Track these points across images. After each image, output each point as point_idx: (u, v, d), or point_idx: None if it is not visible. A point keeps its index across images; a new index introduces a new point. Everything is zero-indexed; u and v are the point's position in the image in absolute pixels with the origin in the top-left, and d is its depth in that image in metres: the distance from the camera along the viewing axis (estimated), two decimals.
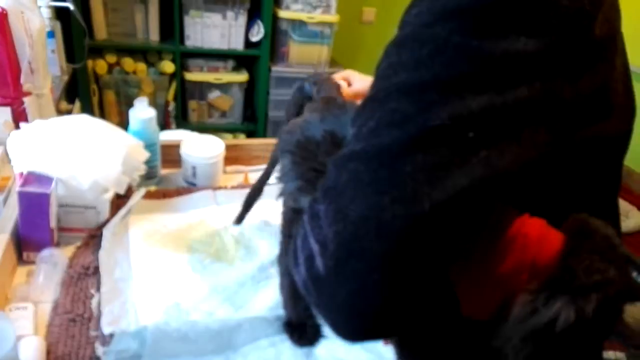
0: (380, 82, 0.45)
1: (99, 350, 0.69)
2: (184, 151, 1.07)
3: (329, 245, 0.40)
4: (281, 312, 0.78)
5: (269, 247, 0.91)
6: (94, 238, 0.88)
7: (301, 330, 0.76)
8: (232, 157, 1.17)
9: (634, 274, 0.43)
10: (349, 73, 0.97)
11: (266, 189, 1.01)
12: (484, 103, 0.39)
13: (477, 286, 0.45)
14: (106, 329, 0.71)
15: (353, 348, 0.75)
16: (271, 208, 0.87)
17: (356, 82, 0.95)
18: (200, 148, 1.07)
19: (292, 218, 0.74)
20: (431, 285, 0.41)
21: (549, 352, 0.42)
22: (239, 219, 0.90)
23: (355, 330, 0.42)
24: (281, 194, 0.71)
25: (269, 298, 0.81)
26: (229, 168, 1.16)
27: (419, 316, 0.43)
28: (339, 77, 0.95)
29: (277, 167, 0.72)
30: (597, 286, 0.40)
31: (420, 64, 0.42)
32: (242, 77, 2.59)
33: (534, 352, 0.42)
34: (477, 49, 0.40)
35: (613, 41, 0.47)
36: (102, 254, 0.84)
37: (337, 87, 0.85)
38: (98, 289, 0.78)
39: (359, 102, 0.63)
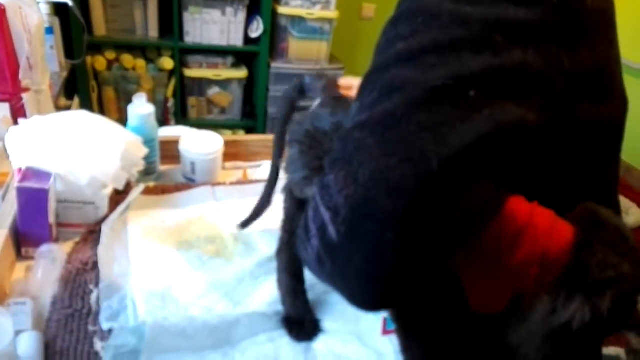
0: (378, 56, 0.46)
1: (98, 345, 0.69)
2: (183, 147, 1.07)
3: (341, 210, 0.40)
4: (280, 307, 0.78)
5: (268, 243, 0.91)
6: (92, 234, 0.88)
7: (300, 325, 0.76)
8: (231, 153, 1.17)
9: None
10: (353, 81, 0.98)
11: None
12: (483, 63, 0.40)
13: (485, 279, 0.45)
14: (105, 325, 0.72)
15: (351, 343, 0.75)
16: (272, 208, 0.87)
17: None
18: (199, 144, 1.07)
19: (294, 214, 0.74)
20: (441, 250, 0.41)
21: (565, 349, 0.42)
22: (245, 224, 0.90)
23: (370, 296, 0.43)
24: (287, 185, 0.71)
25: (267, 294, 0.81)
26: (228, 164, 1.16)
27: (430, 281, 0.43)
28: (343, 83, 0.96)
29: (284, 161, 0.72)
30: (611, 282, 0.40)
31: (416, 32, 0.43)
32: (242, 73, 2.59)
33: (553, 350, 0.42)
34: (470, 14, 0.41)
35: (607, 16, 0.48)
36: (101, 249, 0.84)
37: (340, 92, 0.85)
38: (97, 285, 0.78)
39: None
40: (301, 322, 0.77)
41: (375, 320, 0.77)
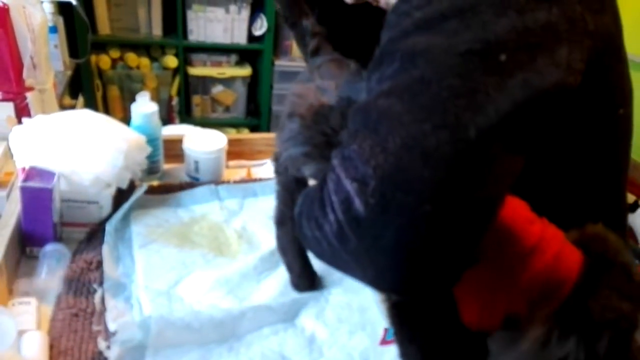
0: (392, 29, 0.43)
1: (102, 344, 0.69)
2: (187, 146, 1.06)
3: (369, 181, 0.37)
4: (284, 300, 0.78)
5: (271, 240, 0.91)
6: (96, 233, 0.88)
7: (311, 285, 0.79)
8: (235, 151, 1.16)
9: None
10: None
11: (270, 183, 1.01)
12: (508, 25, 0.38)
13: (481, 296, 0.44)
14: (111, 325, 0.72)
15: (356, 334, 0.75)
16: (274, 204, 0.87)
17: None
18: (203, 143, 1.07)
19: (293, 188, 0.72)
20: (474, 227, 0.38)
21: None
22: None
23: (400, 275, 0.39)
24: (284, 160, 0.67)
25: (271, 287, 0.81)
26: (232, 163, 1.16)
27: (460, 267, 0.40)
28: None
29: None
30: (610, 324, 0.39)
31: None
32: (246, 71, 2.58)
33: None
34: None
35: None
36: (105, 248, 0.84)
37: None
38: (101, 284, 0.78)
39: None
40: (312, 283, 0.79)
41: (379, 311, 0.77)
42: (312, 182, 0.62)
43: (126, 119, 1.01)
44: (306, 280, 0.80)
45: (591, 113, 0.47)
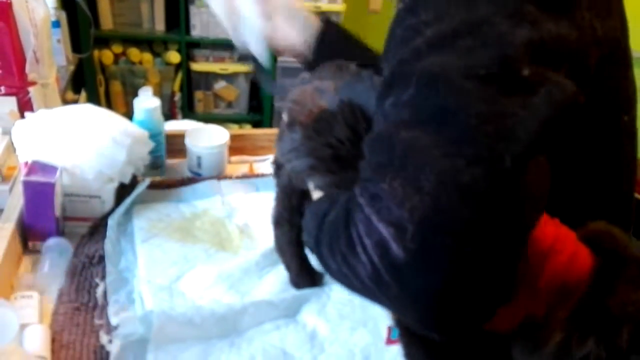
0: (400, 47, 0.41)
1: (104, 338, 0.69)
2: (189, 141, 1.06)
3: (407, 225, 0.35)
4: (285, 295, 0.78)
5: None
6: (98, 227, 0.88)
7: (312, 282, 0.79)
8: (238, 147, 1.16)
9: None
10: None
11: (271, 178, 1.00)
12: (525, 37, 0.37)
13: None
14: (113, 320, 0.72)
15: (357, 330, 0.75)
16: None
17: None
18: (205, 138, 1.07)
19: (291, 192, 0.72)
20: (515, 252, 0.37)
21: None
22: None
23: (449, 318, 0.37)
24: (290, 173, 0.66)
25: (273, 283, 0.81)
26: (234, 158, 1.16)
27: (504, 299, 0.38)
28: None
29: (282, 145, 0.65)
30: (630, 317, 0.38)
31: (441, 15, 0.39)
32: (248, 67, 2.58)
33: None
34: None
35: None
36: (107, 243, 0.84)
37: None
38: (103, 278, 0.79)
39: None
40: (311, 280, 0.79)
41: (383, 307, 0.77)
42: (316, 195, 0.61)
43: (128, 114, 1.00)
44: (305, 278, 0.80)
45: (594, 120, 0.46)
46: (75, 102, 1.84)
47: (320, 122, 0.58)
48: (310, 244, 0.49)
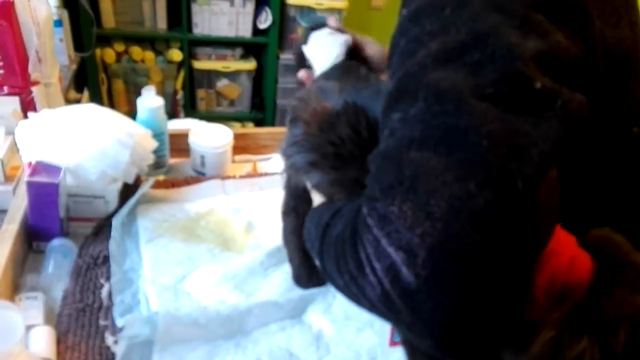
0: (407, 59, 0.40)
1: (109, 339, 0.69)
2: (193, 140, 1.06)
3: (418, 251, 0.34)
4: (291, 295, 0.78)
5: (278, 236, 0.90)
6: (103, 228, 0.88)
7: (310, 275, 0.78)
8: (241, 146, 1.16)
9: None
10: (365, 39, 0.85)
11: (276, 177, 1.00)
12: (534, 49, 0.36)
13: None
14: (119, 321, 0.71)
15: (363, 331, 0.75)
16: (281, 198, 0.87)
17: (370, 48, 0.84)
18: (209, 137, 1.07)
19: (297, 183, 0.71)
20: (526, 271, 0.36)
21: None
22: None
23: (463, 343, 0.36)
24: (288, 168, 0.65)
25: (278, 283, 0.81)
26: (238, 157, 1.15)
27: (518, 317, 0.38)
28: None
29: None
30: (627, 318, 0.38)
31: (447, 25, 0.38)
32: (251, 65, 2.57)
33: None
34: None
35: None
36: (112, 243, 0.84)
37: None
38: (108, 279, 0.78)
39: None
40: (312, 276, 0.78)
41: None
42: (314, 196, 0.61)
43: (131, 113, 1.00)
44: (306, 272, 0.79)
45: (602, 131, 0.45)
46: (78, 101, 1.84)
47: (323, 120, 0.58)
48: (313, 254, 0.48)
